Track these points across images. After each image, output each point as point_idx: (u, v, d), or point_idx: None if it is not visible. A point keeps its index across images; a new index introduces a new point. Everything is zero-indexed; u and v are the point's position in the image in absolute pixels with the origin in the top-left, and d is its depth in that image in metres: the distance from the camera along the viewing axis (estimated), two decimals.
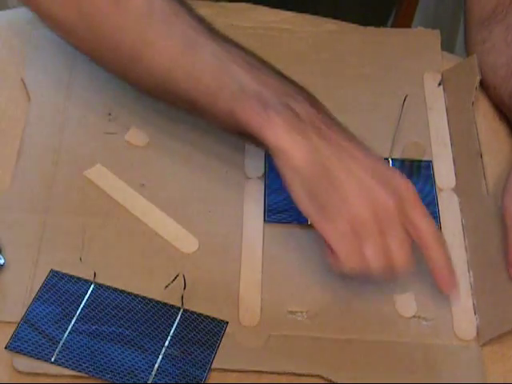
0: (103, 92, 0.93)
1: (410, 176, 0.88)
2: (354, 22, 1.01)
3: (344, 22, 1.01)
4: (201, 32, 0.79)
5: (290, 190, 0.76)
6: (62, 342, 0.75)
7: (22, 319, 0.76)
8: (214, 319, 0.78)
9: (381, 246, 0.74)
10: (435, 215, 0.86)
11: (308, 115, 0.76)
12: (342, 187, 0.74)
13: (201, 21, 0.80)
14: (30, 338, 0.75)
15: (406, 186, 0.75)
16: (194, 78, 0.78)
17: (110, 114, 0.91)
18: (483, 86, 0.95)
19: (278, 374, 0.75)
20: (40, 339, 0.75)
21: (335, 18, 1.01)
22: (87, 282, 0.79)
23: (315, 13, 1.02)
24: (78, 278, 0.79)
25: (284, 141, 0.74)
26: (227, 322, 0.77)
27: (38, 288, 0.78)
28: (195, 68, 0.78)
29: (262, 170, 0.88)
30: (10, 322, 0.76)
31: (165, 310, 0.78)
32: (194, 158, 0.89)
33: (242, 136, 0.79)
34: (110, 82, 0.93)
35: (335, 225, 0.74)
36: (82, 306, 0.78)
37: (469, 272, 0.82)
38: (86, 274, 0.79)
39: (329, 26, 1.01)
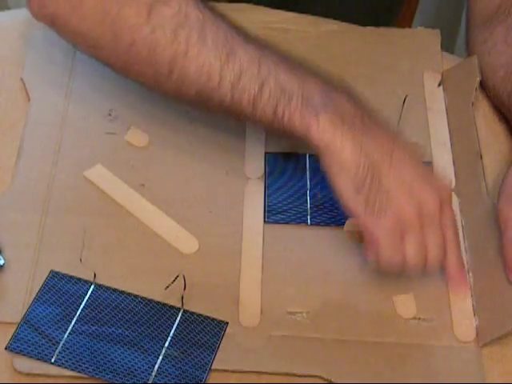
0: (103, 92, 0.93)
1: None
2: (360, 23, 1.01)
3: (344, 23, 1.01)
4: (235, 37, 0.78)
5: (335, 186, 0.76)
6: (62, 343, 0.75)
7: (22, 320, 0.76)
8: (214, 320, 0.78)
9: (420, 244, 0.76)
10: None
11: (352, 111, 0.76)
12: (387, 184, 0.75)
13: (232, 25, 0.79)
14: (30, 338, 0.75)
15: (444, 188, 0.78)
16: (233, 83, 0.77)
17: (109, 114, 0.91)
18: (483, 86, 0.95)
19: (278, 374, 0.75)
20: (40, 340, 0.75)
21: (339, 18, 1.01)
22: (87, 283, 0.79)
23: (319, 14, 1.02)
24: (78, 279, 0.79)
25: (331, 138, 0.75)
26: (227, 323, 0.77)
27: (38, 288, 0.78)
28: (234, 74, 0.77)
29: (262, 170, 0.88)
30: (10, 323, 0.76)
31: (165, 311, 0.78)
32: (194, 158, 0.89)
33: (285, 136, 0.79)
34: (110, 82, 0.94)
35: (379, 221, 0.75)
36: (82, 306, 0.78)
37: (468, 273, 0.82)
38: (86, 275, 0.79)
39: (329, 26, 1.01)
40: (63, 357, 0.74)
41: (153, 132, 0.90)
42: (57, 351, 0.75)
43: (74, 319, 0.77)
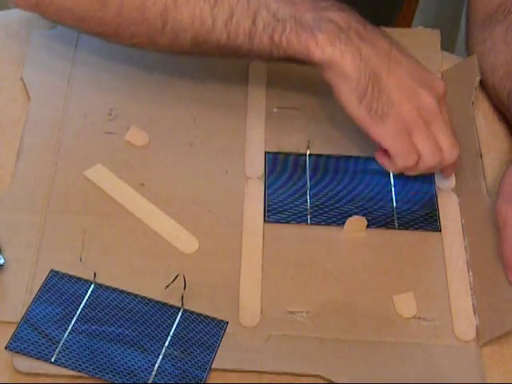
0: (103, 92, 0.93)
1: (409, 176, 0.88)
2: None
3: None
4: None
5: (341, 98, 0.80)
6: (62, 342, 0.75)
7: (22, 319, 0.76)
8: (213, 319, 0.78)
9: (431, 139, 0.80)
10: (435, 215, 0.86)
11: (345, 22, 0.79)
12: (387, 90, 0.79)
13: None
14: (30, 338, 0.75)
15: (439, 84, 0.83)
16: (226, 22, 0.79)
17: (110, 114, 0.91)
18: (482, 85, 0.95)
19: (278, 374, 0.75)
20: (40, 339, 0.75)
21: None
22: (87, 282, 0.79)
23: None
24: (78, 278, 0.79)
25: (331, 53, 0.78)
26: (227, 322, 0.77)
27: (38, 288, 0.78)
28: (225, 13, 0.79)
29: (262, 170, 0.88)
30: (10, 322, 0.76)
31: (165, 310, 0.78)
32: (194, 158, 0.89)
33: (286, 61, 0.81)
34: (110, 82, 0.94)
35: (385, 125, 0.79)
36: (82, 306, 0.78)
37: (468, 272, 0.82)
38: (86, 274, 0.79)
39: None
40: (63, 356, 0.74)
41: (153, 131, 0.90)
42: (57, 351, 0.75)
43: (74, 319, 0.77)
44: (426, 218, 0.86)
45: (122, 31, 0.83)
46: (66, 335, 0.76)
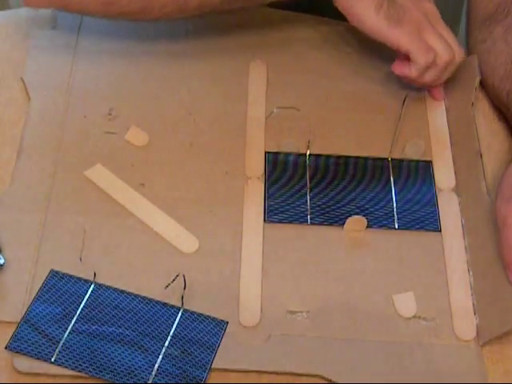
0: (103, 91, 0.93)
1: (409, 176, 0.88)
2: None
3: (344, 22, 1.01)
4: None
5: (359, 17, 0.89)
6: (62, 342, 0.75)
7: (22, 319, 0.76)
8: (214, 319, 0.78)
9: (439, 35, 0.90)
10: (435, 215, 0.86)
11: None
12: (399, 3, 0.90)
13: None
14: (30, 337, 0.75)
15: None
16: None
17: (110, 114, 0.91)
18: (482, 85, 0.95)
19: (278, 373, 0.75)
20: (40, 339, 0.75)
21: (340, 18, 1.01)
22: (87, 282, 0.79)
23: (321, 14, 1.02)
24: (78, 278, 0.79)
25: None
26: (227, 322, 0.77)
27: (38, 288, 0.78)
28: None
29: (262, 170, 0.88)
30: (10, 322, 0.76)
31: (165, 310, 0.78)
32: (194, 158, 0.89)
33: None
34: (110, 82, 0.94)
35: (402, 28, 0.89)
36: (82, 306, 0.78)
37: (468, 272, 0.82)
38: (86, 274, 0.79)
39: (329, 25, 1.01)
40: (63, 356, 0.74)
41: (153, 131, 0.90)
42: (57, 350, 0.75)
43: (74, 318, 0.77)
44: (426, 218, 0.86)
45: (152, 4, 0.86)
46: (66, 335, 0.76)
